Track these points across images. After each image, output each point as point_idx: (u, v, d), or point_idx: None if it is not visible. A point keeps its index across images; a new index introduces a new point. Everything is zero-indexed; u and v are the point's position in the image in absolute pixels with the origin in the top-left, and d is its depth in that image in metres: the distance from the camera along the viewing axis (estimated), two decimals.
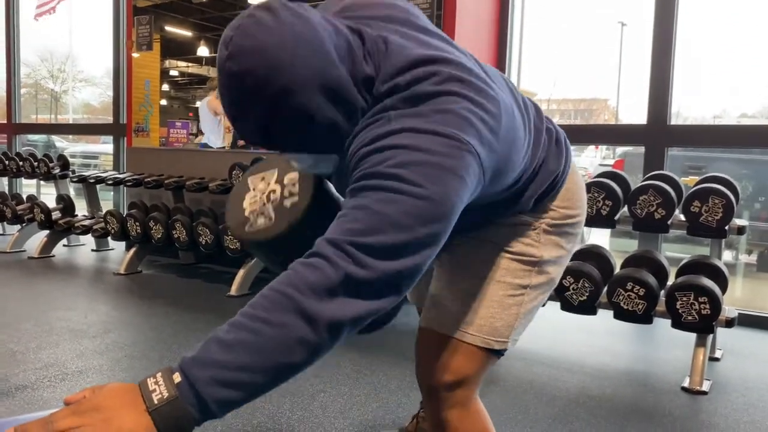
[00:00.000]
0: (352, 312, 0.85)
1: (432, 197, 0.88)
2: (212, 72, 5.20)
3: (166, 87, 5.16)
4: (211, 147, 5.02)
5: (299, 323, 0.82)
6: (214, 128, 5.00)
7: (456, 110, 0.94)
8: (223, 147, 4.97)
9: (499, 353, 1.24)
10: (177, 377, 0.81)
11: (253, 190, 1.24)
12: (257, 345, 0.82)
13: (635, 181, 3.05)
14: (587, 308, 2.75)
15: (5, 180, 6.15)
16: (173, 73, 5.21)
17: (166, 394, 0.80)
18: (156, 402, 0.79)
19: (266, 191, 1.22)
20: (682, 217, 2.75)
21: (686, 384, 2.51)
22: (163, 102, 5.12)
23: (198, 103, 5.15)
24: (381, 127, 0.95)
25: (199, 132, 5.14)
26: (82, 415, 0.79)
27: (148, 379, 0.82)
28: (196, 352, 0.83)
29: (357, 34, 1.01)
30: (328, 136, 1.00)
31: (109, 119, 5.81)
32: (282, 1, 0.96)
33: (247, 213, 1.22)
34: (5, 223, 5.38)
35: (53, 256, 4.95)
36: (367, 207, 0.88)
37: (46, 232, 4.98)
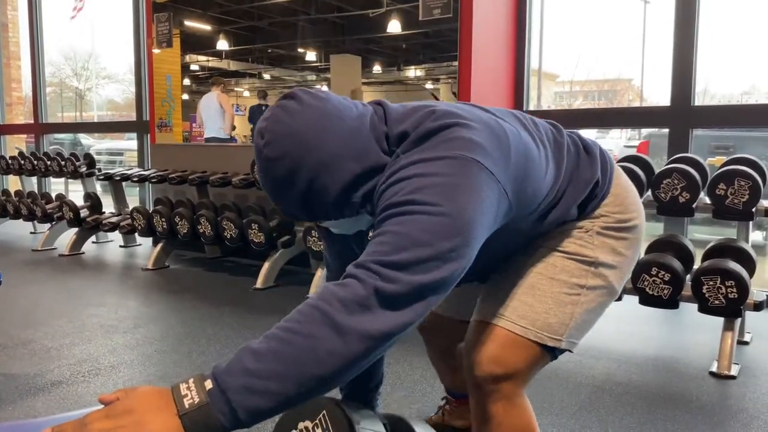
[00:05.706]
0: (382, 326, 0.87)
1: (448, 213, 0.93)
2: (233, 65, 5.24)
3: (187, 81, 5.21)
4: (219, 137, 5.09)
5: (329, 335, 0.85)
6: (219, 118, 5.09)
7: (459, 136, 1.02)
8: (233, 138, 5.05)
9: (552, 353, 1.25)
10: (209, 384, 0.84)
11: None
12: (288, 354, 0.84)
13: (660, 164, 3.01)
14: None
15: (34, 179, 6.27)
16: (194, 67, 5.26)
17: (197, 400, 0.82)
18: (187, 407, 0.82)
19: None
20: (708, 200, 2.71)
21: (714, 369, 2.49)
22: (185, 96, 5.18)
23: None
24: (393, 166, 1.03)
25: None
26: (115, 418, 0.82)
27: (181, 384, 0.85)
28: (229, 361, 0.86)
29: (371, 104, 1.14)
30: (363, 198, 1.07)
31: (133, 116, 5.89)
32: (303, 89, 1.07)
33: None
34: (36, 221, 5.50)
35: (83, 253, 5.05)
36: (388, 232, 0.94)
37: (75, 229, 5.08)
